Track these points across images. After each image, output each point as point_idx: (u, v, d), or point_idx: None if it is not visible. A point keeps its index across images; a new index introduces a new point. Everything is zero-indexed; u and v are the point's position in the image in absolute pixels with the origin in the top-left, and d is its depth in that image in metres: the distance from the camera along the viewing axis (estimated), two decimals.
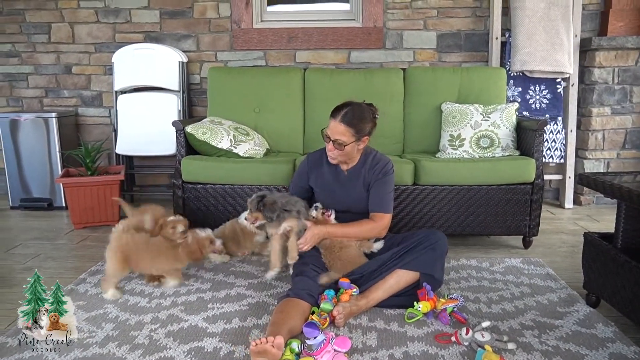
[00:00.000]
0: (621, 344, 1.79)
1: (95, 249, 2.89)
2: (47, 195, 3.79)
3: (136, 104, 3.74)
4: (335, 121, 2.13)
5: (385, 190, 2.26)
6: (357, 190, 2.28)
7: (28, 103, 4.14)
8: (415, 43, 3.87)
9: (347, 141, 2.13)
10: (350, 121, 2.11)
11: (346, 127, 2.11)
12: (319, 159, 2.37)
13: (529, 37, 3.53)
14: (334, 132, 2.13)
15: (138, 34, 3.97)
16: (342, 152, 2.16)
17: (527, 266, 2.56)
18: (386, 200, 2.27)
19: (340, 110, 2.13)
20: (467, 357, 1.70)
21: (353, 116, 2.12)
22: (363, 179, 2.27)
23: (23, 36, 4.02)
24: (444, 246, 2.09)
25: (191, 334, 1.87)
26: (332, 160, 2.24)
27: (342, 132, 2.11)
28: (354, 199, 2.28)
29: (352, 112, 2.12)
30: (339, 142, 2.13)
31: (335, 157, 2.20)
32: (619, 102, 3.72)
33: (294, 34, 3.88)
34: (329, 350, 1.66)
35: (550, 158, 3.77)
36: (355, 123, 2.12)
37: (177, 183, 2.85)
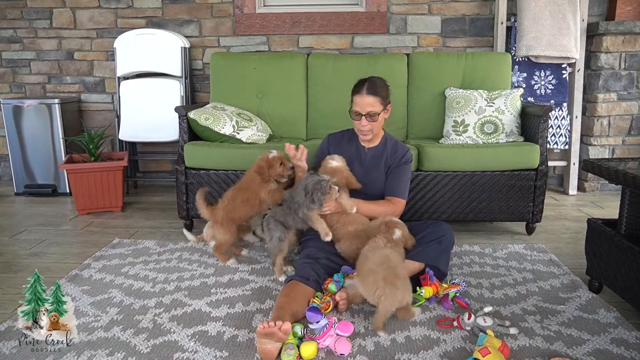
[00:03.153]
0: (623, 329, 1.79)
1: (100, 234, 2.91)
2: (51, 181, 3.80)
3: (139, 90, 3.73)
4: (360, 95, 2.21)
5: (405, 177, 2.35)
6: (377, 170, 2.33)
7: (31, 89, 4.14)
8: (419, 28, 3.83)
9: (378, 110, 2.21)
10: (375, 90, 2.21)
11: (374, 98, 2.20)
12: (340, 138, 2.44)
13: (535, 21, 3.49)
14: (364, 106, 2.20)
15: (140, 19, 3.94)
16: (375, 123, 2.24)
17: (530, 252, 2.56)
18: (404, 187, 2.34)
19: (363, 85, 2.23)
20: (469, 342, 1.71)
21: (376, 85, 2.22)
22: (385, 160, 2.33)
23: (25, 22, 4.00)
24: (450, 240, 2.12)
25: (195, 318, 1.89)
26: (366, 136, 2.30)
27: (371, 103, 2.20)
28: (371, 179, 2.32)
29: (374, 83, 2.23)
30: (371, 113, 2.20)
31: (369, 130, 2.26)
32: (626, 88, 3.68)
33: (297, 19, 3.85)
34: (332, 335, 1.67)
35: (554, 144, 3.74)
36: (380, 91, 2.22)
37: (180, 169, 2.85)
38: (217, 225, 2.44)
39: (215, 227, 2.46)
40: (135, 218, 3.24)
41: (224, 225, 2.42)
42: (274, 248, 2.23)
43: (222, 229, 2.43)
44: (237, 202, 2.42)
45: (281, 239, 2.21)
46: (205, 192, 2.57)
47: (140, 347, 1.70)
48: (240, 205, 2.42)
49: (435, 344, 1.71)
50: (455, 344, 1.70)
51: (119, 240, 2.78)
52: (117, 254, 2.56)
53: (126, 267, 2.39)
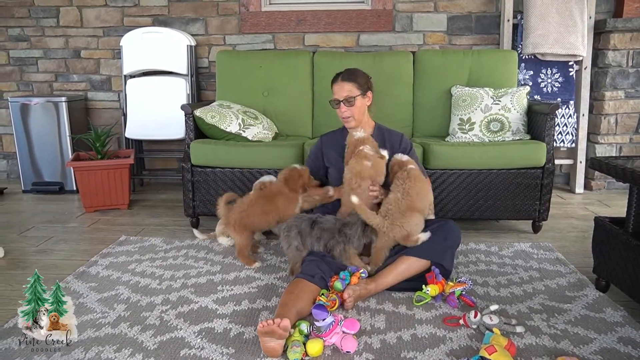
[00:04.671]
0: (630, 328, 1.78)
1: (106, 232, 2.92)
2: (58, 179, 3.83)
3: (145, 88, 3.75)
4: (337, 84, 2.32)
5: (417, 159, 2.42)
6: None
7: (38, 87, 4.16)
8: (425, 26, 3.82)
9: (354, 94, 2.28)
10: (350, 77, 2.31)
11: (350, 83, 2.29)
12: (332, 137, 2.47)
13: (542, 18, 3.47)
14: (340, 92, 2.30)
15: (146, 17, 3.95)
16: (353, 107, 2.29)
17: (536, 251, 2.55)
18: (422, 168, 2.39)
19: (338, 75, 2.34)
20: (475, 340, 1.71)
21: (350, 73, 2.33)
22: (384, 144, 2.33)
23: (32, 20, 4.03)
24: (457, 238, 2.11)
25: (201, 315, 1.90)
26: (348, 122, 2.34)
27: (348, 88, 2.29)
28: None
29: (350, 71, 2.35)
30: (348, 98, 2.28)
31: (350, 115, 2.31)
32: (633, 86, 3.65)
33: (303, 17, 3.85)
34: (338, 332, 1.67)
35: (561, 142, 3.73)
36: (355, 78, 2.31)
37: (186, 167, 2.86)
38: (229, 228, 2.41)
39: (228, 229, 2.44)
40: (142, 215, 3.26)
41: (235, 229, 2.39)
42: (292, 257, 2.16)
43: (234, 232, 2.40)
44: (256, 211, 2.37)
45: (299, 248, 2.12)
46: (232, 199, 2.49)
47: (147, 343, 1.71)
48: (259, 214, 2.37)
49: (442, 341, 1.71)
50: (461, 342, 1.70)
51: (126, 237, 2.80)
52: (123, 251, 2.58)
53: (133, 264, 2.40)
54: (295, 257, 2.14)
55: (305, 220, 2.13)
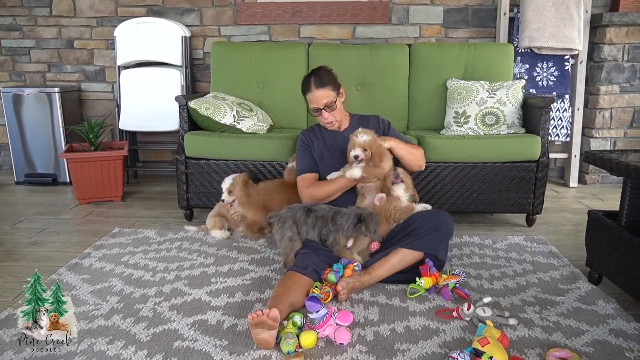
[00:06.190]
0: (621, 320, 1.79)
1: (100, 224, 2.91)
2: (52, 170, 3.80)
3: (139, 79, 3.72)
4: (311, 93, 2.27)
5: (400, 135, 2.46)
6: None
7: (31, 77, 4.12)
8: (421, 18, 3.81)
9: (333, 99, 2.27)
10: (322, 82, 2.25)
11: (324, 89, 2.25)
12: (312, 131, 2.47)
13: (538, 12, 3.46)
14: (319, 100, 2.26)
15: (140, 7, 3.91)
16: (335, 110, 2.30)
17: (530, 244, 2.56)
18: (406, 139, 2.46)
19: (309, 82, 2.28)
20: (468, 332, 1.72)
21: (321, 77, 2.27)
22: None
23: (24, 9, 3.98)
24: (449, 228, 2.10)
25: (195, 307, 1.89)
26: (332, 126, 2.36)
27: (324, 95, 2.25)
28: None
29: (319, 76, 2.28)
30: (328, 103, 2.26)
31: (333, 119, 2.33)
32: (628, 80, 3.66)
33: (298, 8, 3.82)
34: (331, 324, 1.67)
35: (556, 136, 3.73)
36: (327, 81, 2.27)
37: (180, 159, 2.84)
38: (247, 206, 2.51)
39: (245, 208, 2.52)
40: (136, 207, 3.24)
41: (255, 208, 2.49)
42: (285, 248, 2.14)
43: (252, 210, 2.50)
44: (278, 198, 2.48)
45: (292, 239, 2.11)
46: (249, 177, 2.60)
47: (140, 335, 1.70)
48: (281, 201, 2.43)
49: (435, 334, 1.71)
50: (454, 334, 1.71)
51: (119, 229, 2.78)
52: (117, 243, 2.57)
53: (126, 256, 2.39)
54: (288, 249, 2.13)
55: (301, 209, 2.15)
